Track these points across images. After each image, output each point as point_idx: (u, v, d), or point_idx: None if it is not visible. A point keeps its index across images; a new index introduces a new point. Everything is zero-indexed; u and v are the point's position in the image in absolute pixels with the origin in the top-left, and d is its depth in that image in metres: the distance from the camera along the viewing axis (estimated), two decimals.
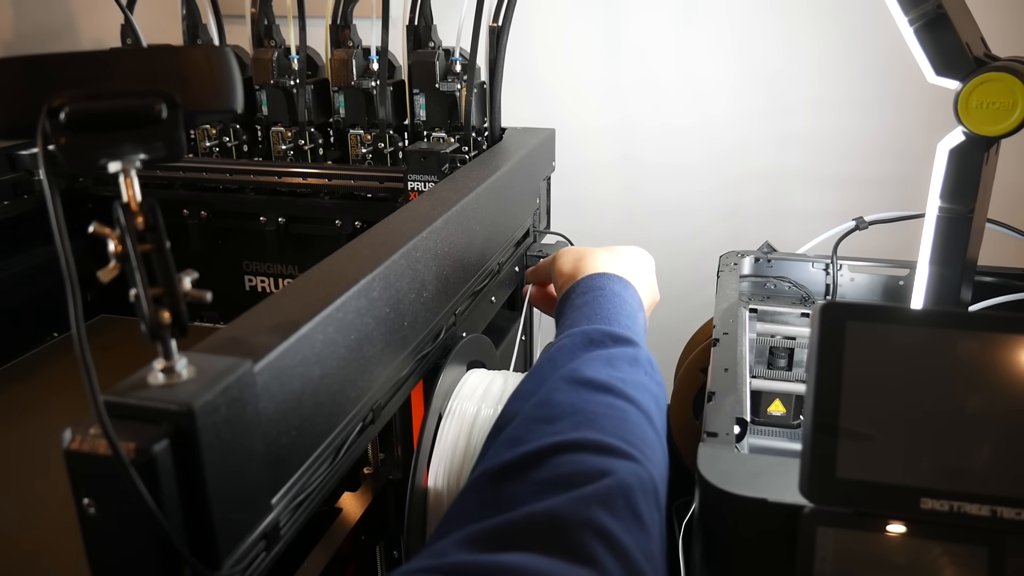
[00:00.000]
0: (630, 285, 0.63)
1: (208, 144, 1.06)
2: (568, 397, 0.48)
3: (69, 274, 0.33)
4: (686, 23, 1.32)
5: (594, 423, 0.46)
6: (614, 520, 0.39)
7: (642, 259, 0.69)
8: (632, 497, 0.41)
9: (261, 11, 1.03)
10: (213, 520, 0.37)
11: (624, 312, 0.59)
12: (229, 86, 0.38)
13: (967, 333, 0.39)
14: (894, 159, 1.29)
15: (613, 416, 0.47)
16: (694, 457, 0.50)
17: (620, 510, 0.40)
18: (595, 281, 0.62)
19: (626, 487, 0.41)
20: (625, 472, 0.42)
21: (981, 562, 0.39)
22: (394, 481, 0.69)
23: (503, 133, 1.00)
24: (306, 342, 0.45)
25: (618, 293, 0.61)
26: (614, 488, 0.41)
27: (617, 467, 0.42)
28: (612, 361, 0.52)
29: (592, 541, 0.38)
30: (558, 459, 0.43)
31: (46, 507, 0.70)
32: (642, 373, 0.53)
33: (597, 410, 0.47)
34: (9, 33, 1.23)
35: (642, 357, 0.55)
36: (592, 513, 0.39)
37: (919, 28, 0.62)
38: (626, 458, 0.43)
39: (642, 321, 0.61)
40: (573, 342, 0.55)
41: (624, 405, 0.48)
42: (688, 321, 0.99)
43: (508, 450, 0.45)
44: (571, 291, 0.63)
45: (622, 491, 0.41)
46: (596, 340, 0.54)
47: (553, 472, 0.42)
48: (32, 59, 0.33)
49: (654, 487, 0.43)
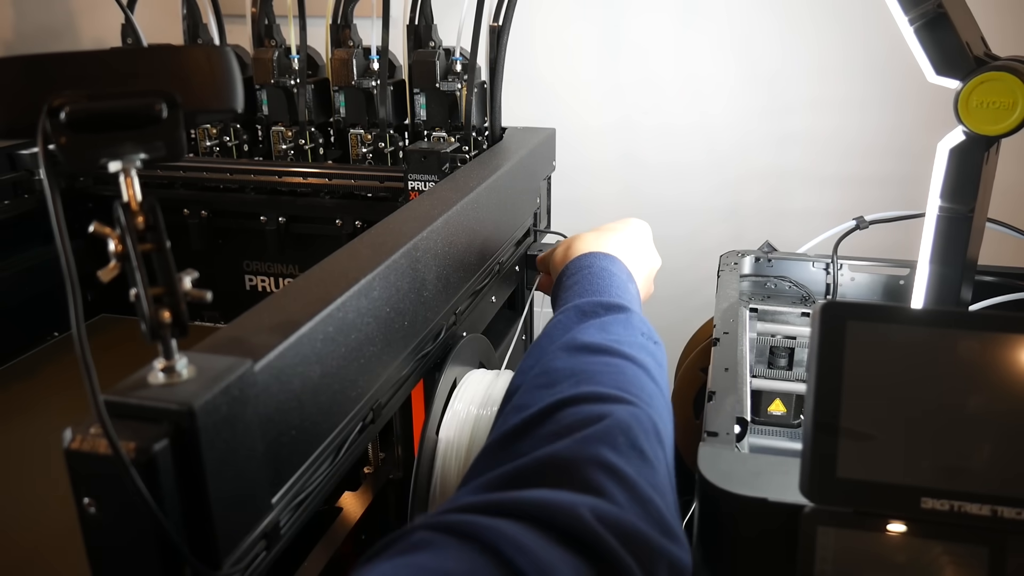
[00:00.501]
0: (617, 260, 0.65)
1: (208, 144, 1.06)
2: (566, 363, 0.50)
3: (69, 274, 0.33)
4: (686, 23, 1.32)
5: (591, 379, 0.48)
6: (616, 454, 0.41)
7: (635, 230, 0.70)
8: (632, 434, 0.43)
9: (261, 11, 1.03)
10: (213, 519, 0.37)
11: (613, 284, 0.61)
12: (229, 86, 0.38)
13: (967, 333, 0.39)
14: (894, 159, 1.29)
15: (610, 372, 0.49)
16: (694, 457, 0.50)
17: (621, 446, 0.42)
18: (583, 261, 0.64)
19: (625, 425, 0.43)
20: (623, 412, 0.44)
21: (981, 562, 0.39)
22: (394, 481, 0.69)
23: (503, 133, 1.00)
24: (306, 342, 0.45)
25: (606, 268, 0.63)
26: (613, 427, 0.43)
27: (615, 410, 0.44)
28: (606, 327, 0.54)
29: (597, 474, 0.40)
30: (560, 414, 0.45)
31: (46, 507, 0.70)
32: (637, 334, 0.55)
33: (594, 368, 0.49)
34: (9, 32, 1.23)
35: (635, 319, 0.56)
36: (595, 450, 0.41)
37: (919, 27, 0.62)
38: (623, 403, 0.46)
39: (634, 291, 0.63)
40: (567, 316, 0.56)
41: (620, 362, 0.50)
42: (688, 321, 0.99)
43: (513, 416, 0.47)
44: (562, 274, 0.65)
45: (621, 429, 0.43)
46: (589, 311, 0.56)
47: (556, 425, 0.44)
48: (32, 59, 0.33)
49: (654, 426, 0.45)
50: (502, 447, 0.45)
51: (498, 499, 0.38)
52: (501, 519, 0.36)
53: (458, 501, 0.39)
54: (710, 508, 0.48)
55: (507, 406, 0.50)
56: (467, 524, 0.36)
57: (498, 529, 0.35)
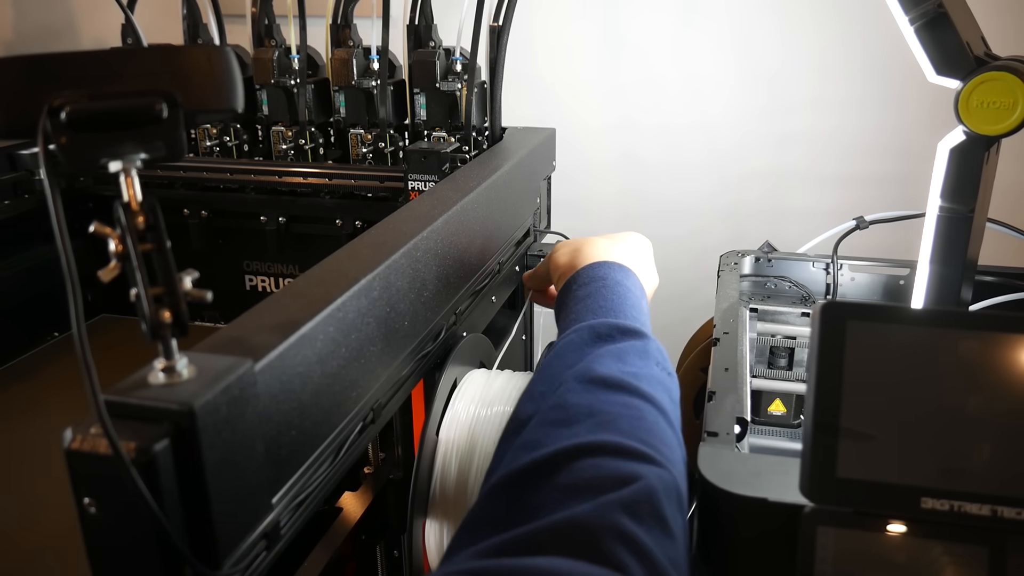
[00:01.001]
0: (631, 272, 0.62)
1: (208, 144, 1.06)
2: (583, 398, 0.48)
3: (69, 274, 0.33)
4: (686, 22, 1.32)
5: (611, 424, 0.45)
6: (639, 526, 0.39)
7: (640, 244, 0.68)
8: (656, 502, 0.41)
9: (261, 11, 1.03)
10: (213, 519, 0.37)
11: (628, 302, 0.58)
12: (229, 85, 0.38)
13: (967, 333, 0.39)
14: (894, 158, 1.29)
15: (630, 416, 0.47)
16: (695, 457, 0.50)
17: (645, 516, 0.39)
18: (596, 271, 0.61)
19: (651, 491, 0.41)
20: (650, 477, 0.42)
21: (981, 562, 0.39)
22: (394, 481, 0.69)
23: (503, 132, 1.00)
24: (307, 342, 0.45)
25: (620, 282, 0.60)
26: (639, 494, 0.40)
27: (640, 472, 0.42)
28: (622, 356, 0.52)
29: (618, 547, 0.37)
30: (578, 464, 0.42)
31: (46, 507, 0.70)
32: (653, 365, 0.52)
33: (613, 410, 0.47)
34: (10, 32, 1.23)
35: (652, 349, 0.54)
36: (617, 519, 0.38)
37: (920, 27, 0.62)
38: (648, 461, 0.43)
39: (646, 309, 0.60)
40: (581, 337, 0.54)
41: (639, 403, 0.48)
42: (688, 321, 0.99)
43: (525, 454, 0.45)
44: (571, 282, 0.62)
45: (647, 496, 0.40)
46: (604, 335, 0.54)
47: (574, 477, 0.42)
48: (33, 58, 0.33)
49: (677, 490, 0.43)
50: (512, 492, 0.43)
51: (511, 567, 0.36)
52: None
53: (467, 564, 0.37)
54: (710, 508, 0.48)
55: (515, 435, 0.48)
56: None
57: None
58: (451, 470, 0.61)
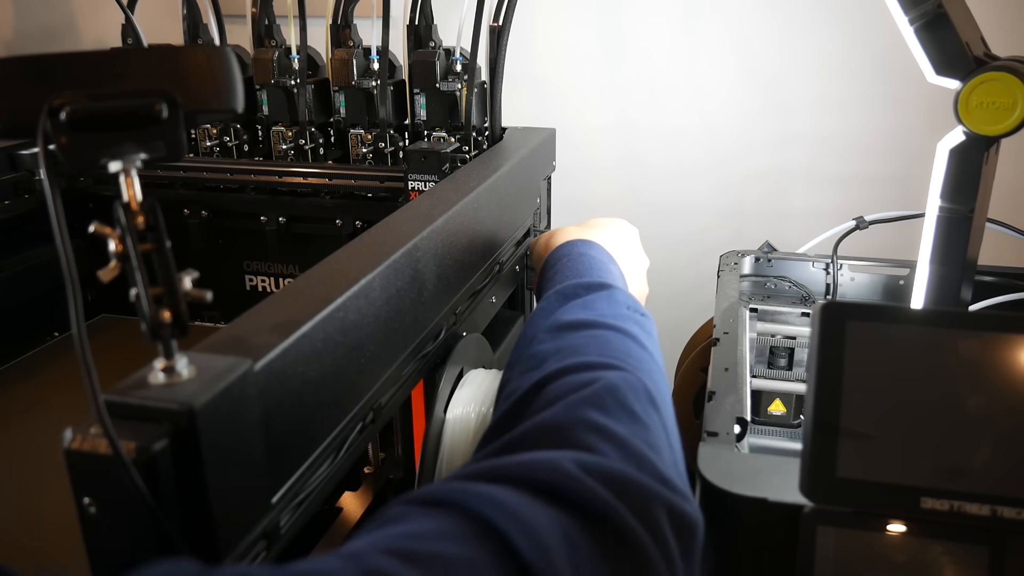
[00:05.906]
0: (596, 244, 0.64)
1: (209, 144, 1.06)
2: (551, 344, 0.50)
3: (69, 274, 0.33)
4: (687, 23, 1.32)
5: (577, 351, 0.47)
6: (605, 415, 0.41)
7: (619, 229, 0.70)
8: (620, 395, 0.42)
9: (262, 11, 1.03)
10: (213, 519, 0.37)
11: (593, 267, 0.60)
12: (230, 86, 0.38)
13: (967, 333, 0.39)
14: (894, 158, 1.29)
15: (595, 343, 0.48)
16: (694, 456, 0.50)
17: (610, 407, 0.41)
18: (561, 251, 0.64)
19: (611, 387, 0.43)
20: (609, 376, 0.44)
21: (981, 562, 0.40)
22: (394, 481, 0.69)
23: (503, 133, 1.00)
24: (306, 341, 0.45)
25: (584, 253, 0.62)
26: (599, 390, 0.42)
27: (601, 375, 0.44)
28: (588, 304, 0.54)
29: (587, 434, 0.39)
30: (547, 388, 0.45)
31: (46, 507, 0.70)
32: (623, 307, 0.54)
33: (579, 342, 0.49)
34: (10, 32, 1.23)
35: (618, 295, 0.56)
36: (583, 413, 0.41)
37: (919, 28, 0.62)
38: (611, 368, 0.45)
39: (616, 271, 0.62)
40: (549, 303, 0.56)
41: (605, 332, 0.50)
42: (688, 321, 0.99)
43: (504, 403, 0.47)
44: (543, 267, 0.65)
45: (608, 391, 0.42)
46: (570, 294, 0.56)
47: (544, 399, 0.44)
48: (33, 59, 0.33)
49: (644, 388, 0.44)
50: (496, 434, 0.44)
51: (475, 468, 0.37)
52: (475, 482, 0.35)
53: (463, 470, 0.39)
54: (710, 508, 0.48)
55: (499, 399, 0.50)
56: (439, 492, 0.35)
57: (468, 490, 0.34)
58: (454, 471, 0.61)
